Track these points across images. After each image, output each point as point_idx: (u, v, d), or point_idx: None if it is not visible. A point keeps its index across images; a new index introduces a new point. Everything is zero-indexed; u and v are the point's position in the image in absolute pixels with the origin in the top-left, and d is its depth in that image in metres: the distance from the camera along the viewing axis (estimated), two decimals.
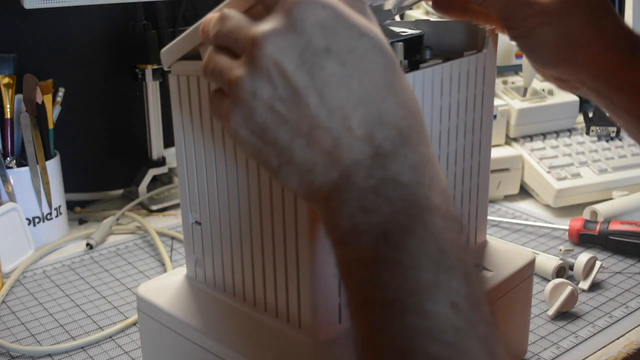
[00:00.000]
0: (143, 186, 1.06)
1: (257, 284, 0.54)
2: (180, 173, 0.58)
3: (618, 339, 0.72)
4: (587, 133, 1.10)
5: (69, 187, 0.99)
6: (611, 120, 1.11)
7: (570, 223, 0.91)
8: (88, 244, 0.93)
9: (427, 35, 0.63)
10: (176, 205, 1.04)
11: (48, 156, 0.93)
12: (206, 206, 0.56)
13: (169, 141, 1.08)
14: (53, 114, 0.94)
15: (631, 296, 0.79)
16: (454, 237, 0.37)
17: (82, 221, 1.02)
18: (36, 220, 0.92)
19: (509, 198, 1.05)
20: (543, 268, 0.82)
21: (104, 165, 1.10)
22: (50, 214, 0.93)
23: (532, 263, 0.66)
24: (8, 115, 0.91)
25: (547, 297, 0.76)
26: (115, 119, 1.09)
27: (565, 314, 0.76)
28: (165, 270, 0.86)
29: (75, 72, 1.03)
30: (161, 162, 1.08)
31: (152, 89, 1.04)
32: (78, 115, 1.04)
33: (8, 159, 0.91)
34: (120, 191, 1.10)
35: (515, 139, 1.08)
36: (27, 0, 0.86)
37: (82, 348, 0.71)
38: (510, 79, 1.15)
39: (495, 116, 1.04)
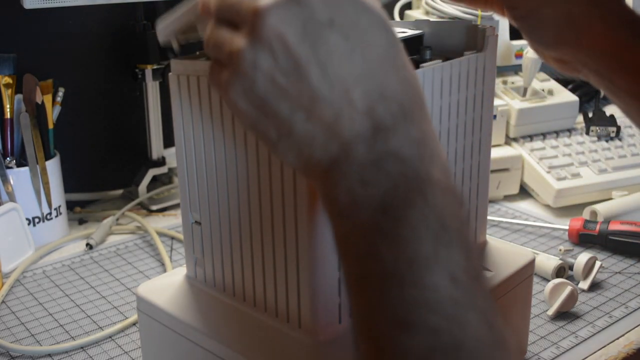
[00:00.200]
0: (143, 186, 1.06)
1: (257, 284, 0.54)
2: (180, 173, 0.58)
3: (618, 339, 0.72)
4: (587, 133, 1.10)
5: (69, 187, 0.99)
6: (611, 120, 1.11)
7: (570, 223, 0.91)
8: (88, 244, 0.93)
9: (427, 35, 0.63)
10: (176, 205, 1.04)
11: (48, 156, 0.93)
12: (206, 206, 0.56)
13: (169, 141, 1.08)
14: (53, 114, 0.94)
15: (631, 296, 0.79)
16: (455, 211, 0.37)
17: (82, 221, 1.02)
18: (36, 220, 0.92)
19: (509, 198, 1.05)
20: (543, 268, 0.82)
21: (104, 165, 1.10)
22: (50, 214, 0.93)
23: (532, 263, 0.66)
24: (8, 115, 0.91)
25: (547, 297, 0.76)
26: (115, 119, 1.09)
27: (565, 314, 0.76)
28: (165, 270, 0.86)
29: (75, 72, 1.03)
30: (161, 162, 1.08)
31: (152, 89, 1.04)
32: (78, 115, 1.04)
33: (8, 159, 0.91)
34: (120, 191, 1.10)
35: (515, 139, 1.08)
36: (27, 0, 0.86)
37: (82, 348, 0.71)
38: (510, 79, 1.15)
39: (495, 116, 1.04)
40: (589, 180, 1.01)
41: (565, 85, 1.17)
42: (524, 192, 1.06)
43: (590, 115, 1.13)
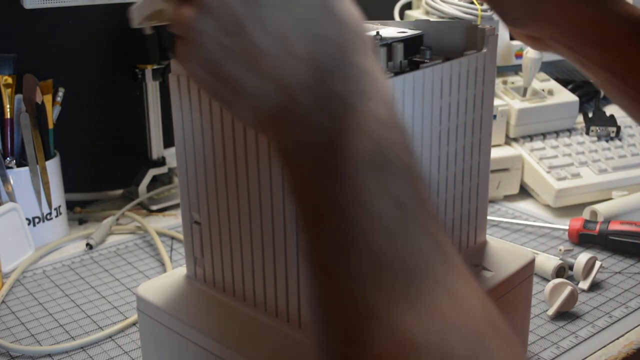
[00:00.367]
0: (143, 186, 1.06)
1: (257, 284, 0.54)
2: (180, 173, 0.58)
3: (618, 339, 0.72)
4: (587, 133, 1.10)
5: (69, 187, 0.99)
6: (611, 120, 1.11)
7: (570, 223, 0.91)
8: (88, 244, 0.93)
9: (427, 35, 0.63)
10: (176, 205, 1.04)
11: (48, 156, 0.93)
12: (206, 206, 0.56)
13: (169, 141, 1.08)
14: (53, 114, 0.94)
15: (631, 296, 0.79)
16: (399, 143, 0.38)
17: (82, 221, 1.02)
18: (36, 220, 0.92)
19: (509, 198, 1.05)
20: (543, 268, 0.82)
21: (104, 165, 1.10)
22: (50, 214, 0.93)
23: (532, 263, 0.66)
24: (8, 115, 0.91)
25: (547, 297, 0.76)
26: (115, 119, 1.09)
27: (565, 314, 0.76)
28: (165, 270, 0.86)
29: (75, 72, 1.03)
30: (161, 162, 1.08)
31: (152, 89, 1.04)
32: (78, 115, 1.04)
33: (8, 159, 0.91)
34: (120, 191, 1.10)
35: (515, 139, 1.08)
36: (27, 0, 0.86)
37: (82, 348, 0.71)
38: (510, 79, 1.15)
39: (495, 116, 1.04)
40: (589, 180, 1.01)
41: (565, 85, 1.17)
42: (524, 192, 1.06)
43: (590, 115, 1.13)
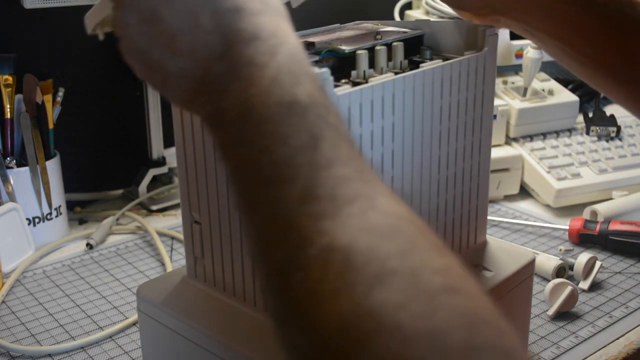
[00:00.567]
0: (143, 186, 1.06)
1: (257, 284, 0.54)
2: (180, 173, 0.58)
3: (618, 339, 0.72)
4: (587, 133, 1.10)
5: (69, 187, 0.99)
6: (611, 120, 1.11)
7: (570, 223, 0.91)
8: (88, 244, 0.93)
9: (427, 35, 0.63)
10: (176, 205, 1.04)
11: (48, 156, 0.93)
12: (206, 206, 0.56)
13: (169, 141, 1.08)
14: (53, 114, 0.94)
15: (631, 296, 0.79)
16: (306, 72, 0.39)
17: (82, 221, 1.02)
18: (36, 220, 0.92)
19: (509, 198, 1.05)
20: (543, 268, 0.82)
21: (104, 165, 1.10)
22: (50, 214, 0.93)
23: (532, 263, 0.66)
24: (8, 115, 0.91)
25: (547, 297, 0.76)
26: (115, 119, 1.09)
27: (565, 314, 0.76)
28: (165, 270, 0.86)
29: (75, 72, 1.03)
30: (161, 162, 1.08)
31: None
32: (78, 115, 1.04)
33: (8, 159, 0.91)
34: (120, 191, 1.10)
35: (515, 139, 1.08)
36: (27, 0, 0.86)
37: (82, 348, 0.71)
38: (510, 79, 1.15)
39: (495, 116, 1.04)
40: (589, 180, 1.01)
41: (565, 85, 1.17)
42: (524, 192, 1.06)
43: (590, 115, 1.13)
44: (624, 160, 1.05)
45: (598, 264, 0.81)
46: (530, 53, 1.08)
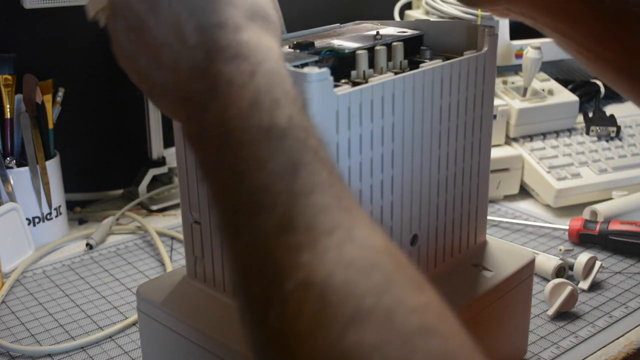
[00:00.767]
0: (143, 186, 1.06)
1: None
2: (180, 173, 0.58)
3: (618, 339, 0.72)
4: (587, 133, 1.10)
5: (69, 187, 0.99)
6: (611, 120, 1.11)
7: (570, 223, 0.91)
8: (88, 244, 0.93)
9: (427, 35, 0.63)
10: (176, 205, 1.04)
11: (48, 156, 0.93)
12: (206, 206, 0.56)
13: (169, 141, 1.08)
14: (53, 114, 0.94)
15: (631, 296, 0.79)
16: (293, 111, 0.38)
17: (82, 221, 1.02)
18: (36, 220, 0.92)
19: (509, 198, 1.05)
20: (543, 268, 0.82)
21: (104, 165, 1.10)
22: (50, 214, 0.93)
23: (532, 263, 0.66)
24: (8, 115, 0.91)
25: (547, 297, 0.76)
26: (115, 119, 1.09)
27: (565, 314, 0.76)
28: (165, 270, 0.86)
29: (75, 72, 1.03)
30: (161, 162, 1.08)
31: None
32: (78, 115, 1.04)
33: (8, 159, 0.91)
34: (120, 191, 1.10)
35: (515, 139, 1.08)
36: (27, 0, 0.86)
37: (82, 348, 0.71)
38: (510, 79, 1.15)
39: (495, 116, 1.04)
40: (589, 180, 1.01)
41: (565, 85, 1.17)
42: (524, 192, 1.06)
43: (590, 115, 1.13)
44: (624, 160, 1.05)
45: (598, 264, 0.81)
46: (530, 53, 1.07)
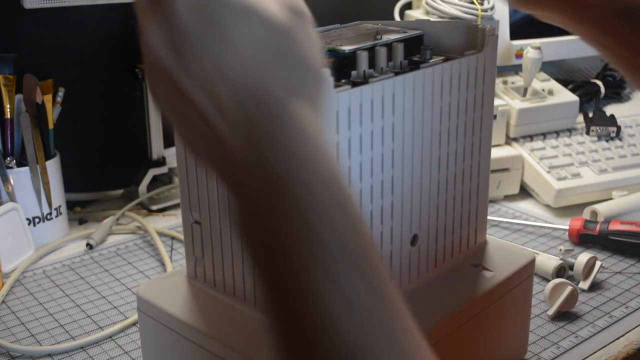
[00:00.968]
0: (143, 186, 1.06)
1: (257, 284, 0.54)
2: (180, 173, 0.58)
3: (618, 339, 0.72)
4: (587, 133, 1.10)
5: (69, 187, 0.99)
6: (611, 120, 1.11)
7: (570, 223, 0.91)
8: (88, 244, 0.93)
9: (427, 35, 0.63)
10: (176, 205, 1.04)
11: (48, 156, 0.93)
12: (206, 206, 0.56)
13: (169, 141, 1.08)
14: (53, 114, 0.94)
15: (631, 296, 0.79)
16: (348, 216, 0.35)
17: (82, 221, 1.02)
18: (36, 220, 0.92)
19: (509, 198, 1.05)
20: (543, 268, 0.82)
21: (104, 165, 1.10)
22: (50, 214, 0.93)
23: (532, 263, 0.66)
24: (8, 115, 0.91)
25: (547, 297, 0.76)
26: (115, 119, 1.09)
27: (565, 314, 0.76)
28: (165, 270, 0.86)
29: (75, 72, 1.03)
30: (161, 162, 1.08)
31: None
32: (78, 115, 1.04)
33: (8, 159, 0.91)
34: (120, 191, 1.10)
35: (515, 139, 1.08)
36: (27, 0, 0.86)
37: (82, 348, 0.71)
38: (510, 79, 1.15)
39: (495, 116, 1.04)
40: (589, 180, 1.01)
41: (565, 85, 1.17)
42: (524, 192, 1.06)
43: (590, 115, 1.13)
44: (624, 160, 1.05)
45: (598, 264, 0.81)
46: (530, 53, 1.07)
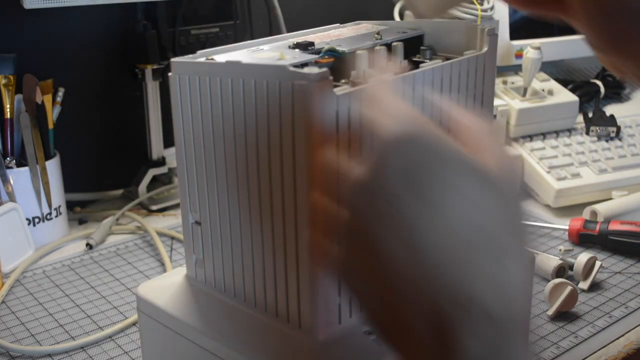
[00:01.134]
0: (143, 186, 1.06)
1: (257, 284, 0.54)
2: (180, 173, 0.58)
3: (618, 339, 0.72)
4: (587, 133, 1.10)
5: (69, 187, 0.99)
6: (611, 120, 1.11)
7: (570, 223, 0.91)
8: (88, 244, 0.93)
9: (427, 35, 0.63)
10: (176, 205, 1.04)
11: (48, 156, 0.93)
12: (206, 206, 0.56)
13: (169, 141, 1.08)
14: (53, 114, 0.94)
15: (631, 296, 0.79)
16: None
17: (82, 221, 1.02)
18: (36, 220, 0.92)
19: None
20: (543, 268, 0.82)
21: (104, 165, 1.10)
22: (50, 214, 0.93)
23: (532, 263, 0.66)
24: (8, 115, 0.91)
25: (547, 297, 0.76)
26: (115, 119, 1.09)
27: (565, 314, 0.76)
28: (165, 270, 0.86)
29: (75, 72, 1.03)
30: (161, 162, 1.08)
31: (152, 89, 1.04)
32: (78, 115, 1.04)
33: (8, 159, 0.91)
34: (120, 191, 1.10)
35: (515, 139, 1.08)
36: (27, 0, 0.86)
37: (82, 348, 0.71)
38: (510, 79, 1.15)
39: (495, 116, 1.04)
40: (589, 180, 1.01)
41: (565, 85, 1.17)
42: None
43: (590, 115, 1.13)
44: (624, 160, 1.05)
45: (598, 264, 0.81)
46: (530, 53, 1.08)
